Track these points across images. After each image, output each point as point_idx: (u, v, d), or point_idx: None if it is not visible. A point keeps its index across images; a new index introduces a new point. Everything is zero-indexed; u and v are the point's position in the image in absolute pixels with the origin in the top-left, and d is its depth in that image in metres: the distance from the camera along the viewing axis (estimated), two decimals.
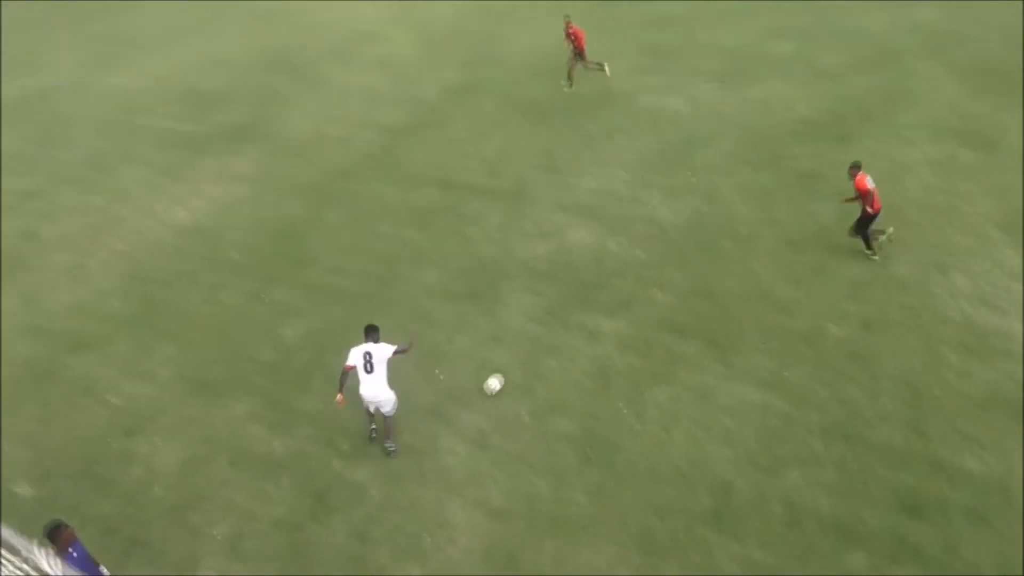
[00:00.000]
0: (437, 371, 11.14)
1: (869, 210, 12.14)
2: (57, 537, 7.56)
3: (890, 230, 12.72)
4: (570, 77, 19.58)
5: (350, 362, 9.49)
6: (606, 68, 19.74)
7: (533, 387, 10.78)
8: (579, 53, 18.97)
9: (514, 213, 14.70)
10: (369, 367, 9.43)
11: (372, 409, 9.94)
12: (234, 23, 28.93)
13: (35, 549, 7.90)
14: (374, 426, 10.20)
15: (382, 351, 9.47)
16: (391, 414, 9.90)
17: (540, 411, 10.42)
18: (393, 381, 9.71)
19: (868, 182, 12.10)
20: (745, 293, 12.15)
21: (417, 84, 21.17)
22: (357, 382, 9.57)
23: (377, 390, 9.55)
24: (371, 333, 9.59)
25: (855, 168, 12.13)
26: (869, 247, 12.55)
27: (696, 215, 14.19)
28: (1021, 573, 8.25)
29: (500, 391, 10.68)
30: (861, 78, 19.22)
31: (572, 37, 18.78)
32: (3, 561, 8.09)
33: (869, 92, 18.42)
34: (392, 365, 9.63)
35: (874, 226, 12.54)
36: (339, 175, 16.70)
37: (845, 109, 17.66)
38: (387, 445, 10.01)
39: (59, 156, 18.93)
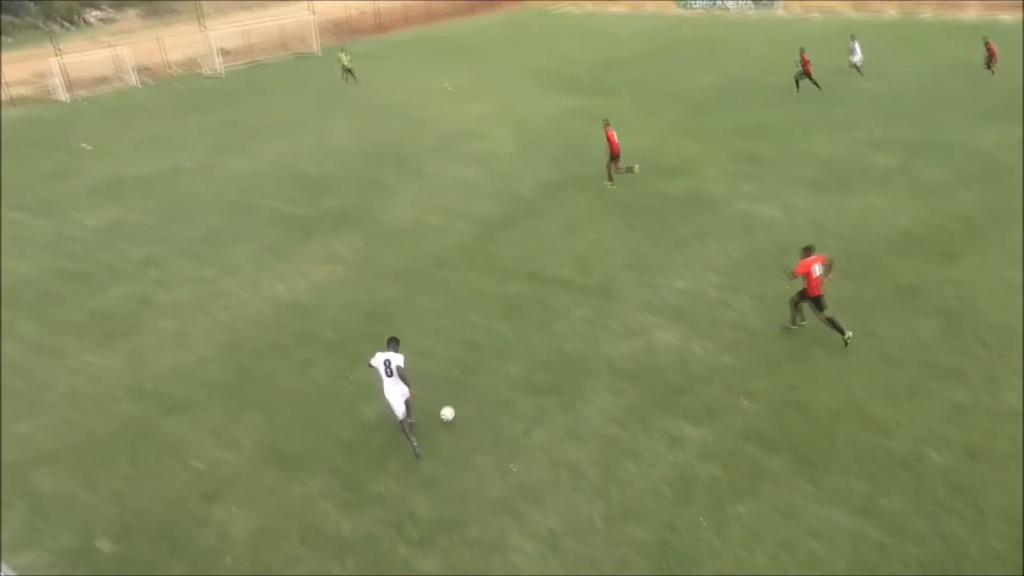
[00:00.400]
0: (512, 464, 10.94)
1: (808, 293, 12.82)
2: None
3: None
4: (611, 177, 20.34)
5: (374, 363, 11.15)
6: (635, 168, 20.70)
7: (608, 490, 10.40)
8: (614, 155, 19.85)
9: (601, 310, 14.62)
10: (389, 371, 11.01)
11: (400, 413, 11.13)
12: (347, 116, 30.84)
13: None
14: (415, 444, 11.22)
15: (397, 359, 11.05)
16: (411, 418, 11.19)
17: (614, 516, 9.99)
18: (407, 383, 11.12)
19: (816, 269, 12.66)
20: (838, 408, 11.52)
21: (513, 179, 21.80)
22: (382, 384, 11.09)
23: (395, 391, 11.00)
24: (392, 344, 11.30)
25: (807, 251, 12.77)
26: (794, 322, 13.39)
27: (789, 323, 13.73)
28: None
29: (452, 420, 11.66)
30: (967, 194, 18.57)
31: (608, 138, 19.84)
32: None
33: (976, 208, 17.73)
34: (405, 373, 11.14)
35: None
36: (433, 263, 17.15)
37: (950, 224, 17.01)
38: (414, 445, 11.20)
39: (179, 230, 20.27)
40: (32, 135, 31.48)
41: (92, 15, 67.13)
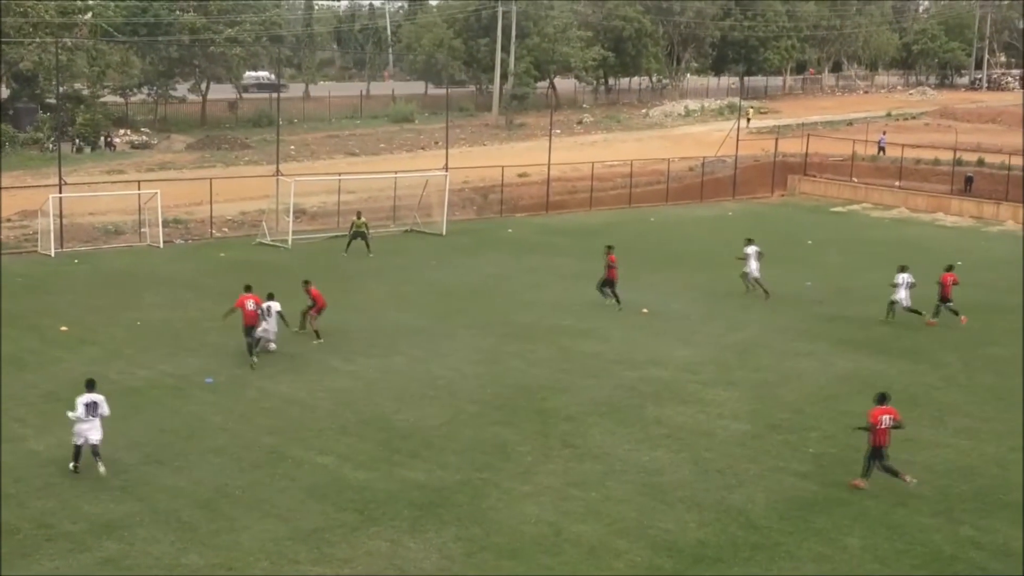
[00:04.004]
0: None
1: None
2: None
3: None
4: (303, 326, 31.60)
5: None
6: (321, 339, 30.91)
7: None
8: (318, 310, 31.39)
9: None
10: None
11: (260, 340, 28.74)
12: (472, 334, 32.09)
13: None
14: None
15: (275, 306, 28.95)
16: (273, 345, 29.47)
17: None
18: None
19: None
20: None
21: (735, 480, 21.72)
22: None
23: (269, 329, 29.05)
24: (272, 298, 29.02)
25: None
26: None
27: None
28: None
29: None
30: None
31: (311, 296, 31.31)
32: None
33: None
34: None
35: None
36: None
37: None
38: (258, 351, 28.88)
39: (166, 480, 20.78)
40: None
41: (121, 136, 75.37)
